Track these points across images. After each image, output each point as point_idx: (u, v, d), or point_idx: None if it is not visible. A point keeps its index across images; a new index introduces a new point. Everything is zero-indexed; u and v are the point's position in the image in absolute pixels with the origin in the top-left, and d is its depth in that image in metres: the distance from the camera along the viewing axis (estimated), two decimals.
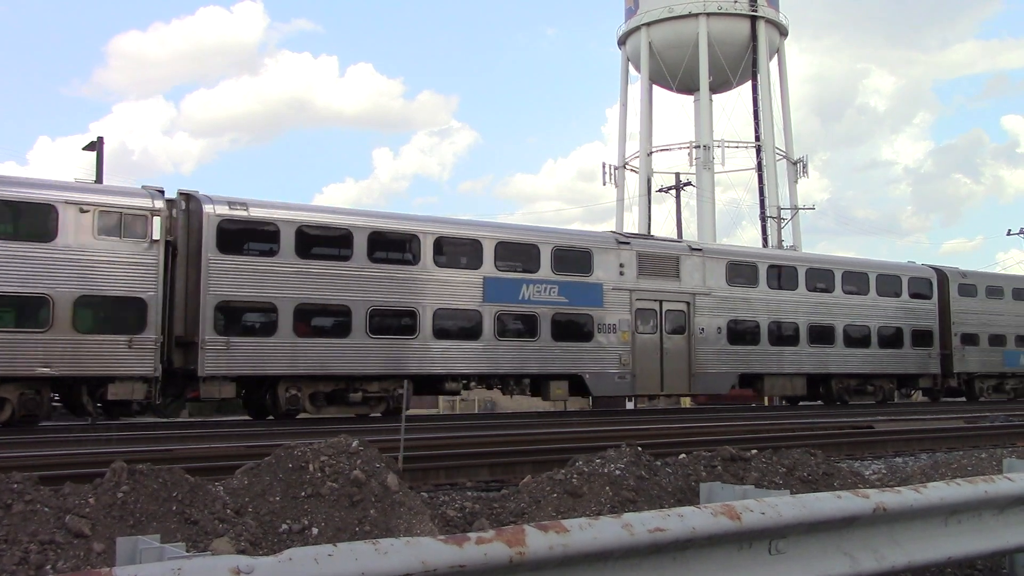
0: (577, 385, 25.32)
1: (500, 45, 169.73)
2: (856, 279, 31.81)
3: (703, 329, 27.50)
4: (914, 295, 33.39)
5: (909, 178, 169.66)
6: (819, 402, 32.09)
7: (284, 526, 6.51)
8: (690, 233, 58.90)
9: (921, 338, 33.14)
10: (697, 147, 63.44)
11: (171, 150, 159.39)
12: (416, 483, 9.90)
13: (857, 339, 31.50)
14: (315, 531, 6.51)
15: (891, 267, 33.72)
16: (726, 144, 64.06)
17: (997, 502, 5.99)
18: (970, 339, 35.14)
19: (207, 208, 20.47)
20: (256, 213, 21.07)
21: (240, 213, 20.80)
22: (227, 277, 20.42)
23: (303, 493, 6.81)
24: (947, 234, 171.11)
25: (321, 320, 21.84)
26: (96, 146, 31.97)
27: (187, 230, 20.58)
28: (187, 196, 20.85)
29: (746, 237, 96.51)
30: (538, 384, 24.95)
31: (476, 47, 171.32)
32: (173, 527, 5.99)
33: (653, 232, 59.64)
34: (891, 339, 32.43)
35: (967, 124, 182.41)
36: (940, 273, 34.73)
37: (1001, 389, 36.53)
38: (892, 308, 32.58)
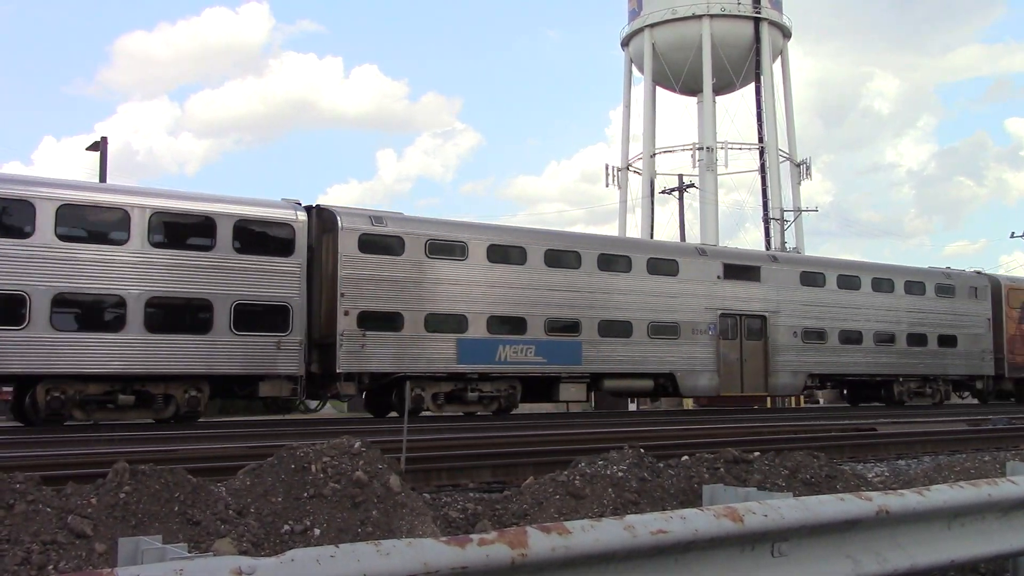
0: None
1: (504, 47, 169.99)
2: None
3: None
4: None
5: (912, 181, 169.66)
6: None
7: (286, 527, 6.51)
8: (693, 235, 58.94)
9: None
10: (700, 149, 63.44)
11: (175, 150, 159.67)
12: (418, 484, 9.89)
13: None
14: (317, 532, 6.51)
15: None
16: (729, 146, 64.07)
17: (1000, 505, 5.98)
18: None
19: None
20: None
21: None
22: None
23: (305, 494, 6.80)
24: (950, 237, 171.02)
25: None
26: (100, 146, 32.01)
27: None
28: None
29: (749, 239, 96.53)
30: None
31: (480, 49, 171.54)
32: (175, 528, 5.99)
33: (656, 235, 59.69)
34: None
35: (970, 127, 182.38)
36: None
37: None
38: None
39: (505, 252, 24.53)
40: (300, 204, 22.20)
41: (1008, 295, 36.07)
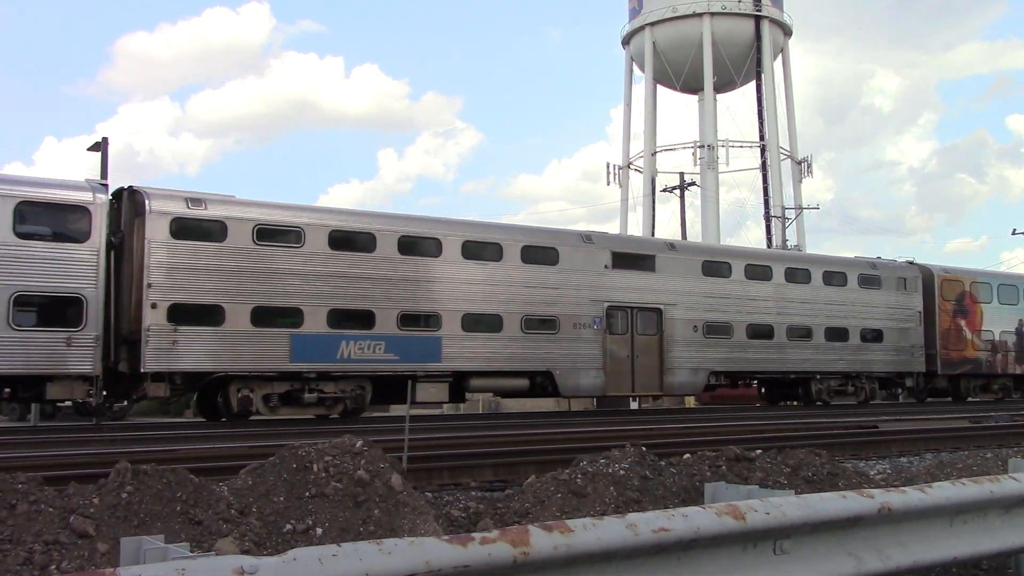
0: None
1: (504, 46, 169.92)
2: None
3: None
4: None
5: (913, 178, 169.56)
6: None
7: (288, 526, 6.51)
8: (695, 233, 58.92)
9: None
10: (701, 147, 63.45)
11: (176, 150, 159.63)
12: (420, 483, 9.90)
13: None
14: (319, 531, 6.51)
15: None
16: (730, 144, 64.07)
17: (1003, 502, 5.98)
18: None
19: None
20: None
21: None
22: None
23: (307, 493, 6.81)
24: (951, 233, 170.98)
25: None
26: (101, 146, 32.00)
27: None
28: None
29: (751, 237, 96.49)
30: None
31: (480, 49, 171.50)
32: (177, 527, 5.99)
33: (658, 233, 59.67)
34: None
35: (971, 124, 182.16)
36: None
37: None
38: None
39: (350, 239, 22.40)
40: (104, 184, 20.48)
41: (942, 286, 33.93)
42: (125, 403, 23.87)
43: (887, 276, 32.32)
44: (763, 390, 33.39)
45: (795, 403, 31.61)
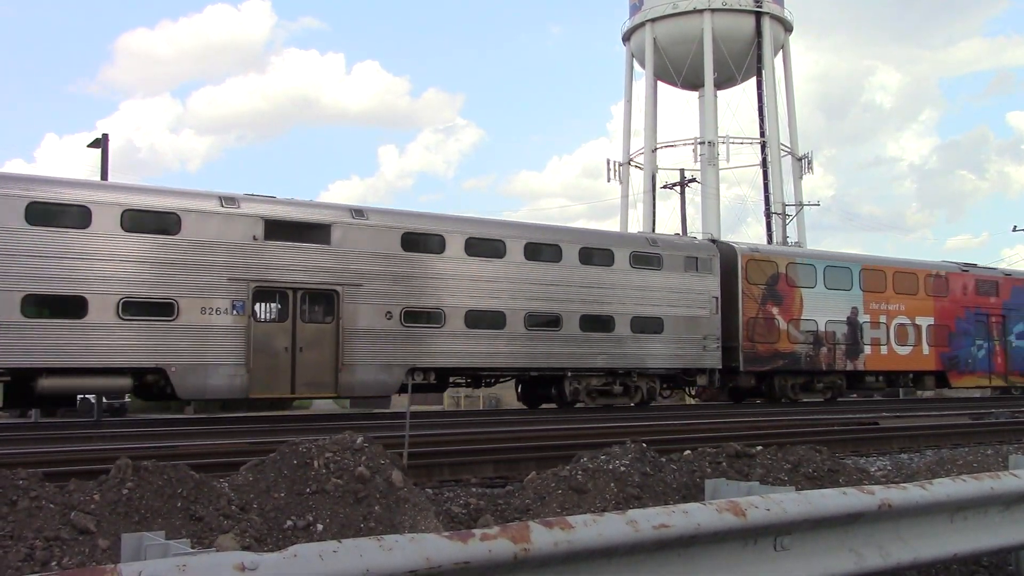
0: None
1: (505, 43, 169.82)
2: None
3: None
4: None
5: (914, 175, 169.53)
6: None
7: (289, 522, 6.52)
8: (695, 230, 58.86)
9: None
10: (702, 143, 63.43)
11: (178, 147, 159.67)
12: (421, 479, 9.90)
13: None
14: (320, 527, 6.52)
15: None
16: (731, 140, 64.08)
17: (1003, 499, 5.98)
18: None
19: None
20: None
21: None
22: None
23: (308, 489, 6.81)
24: (952, 230, 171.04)
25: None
26: (101, 143, 31.98)
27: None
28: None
29: (751, 234, 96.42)
30: None
31: (482, 45, 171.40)
32: (178, 523, 5.99)
33: (659, 230, 59.62)
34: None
35: (972, 121, 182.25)
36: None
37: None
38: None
39: None
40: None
41: (747, 268, 28.95)
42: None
43: (671, 255, 27.19)
44: (519, 389, 27.95)
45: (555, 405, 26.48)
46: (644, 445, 8.61)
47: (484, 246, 23.84)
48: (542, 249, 24.89)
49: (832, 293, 30.82)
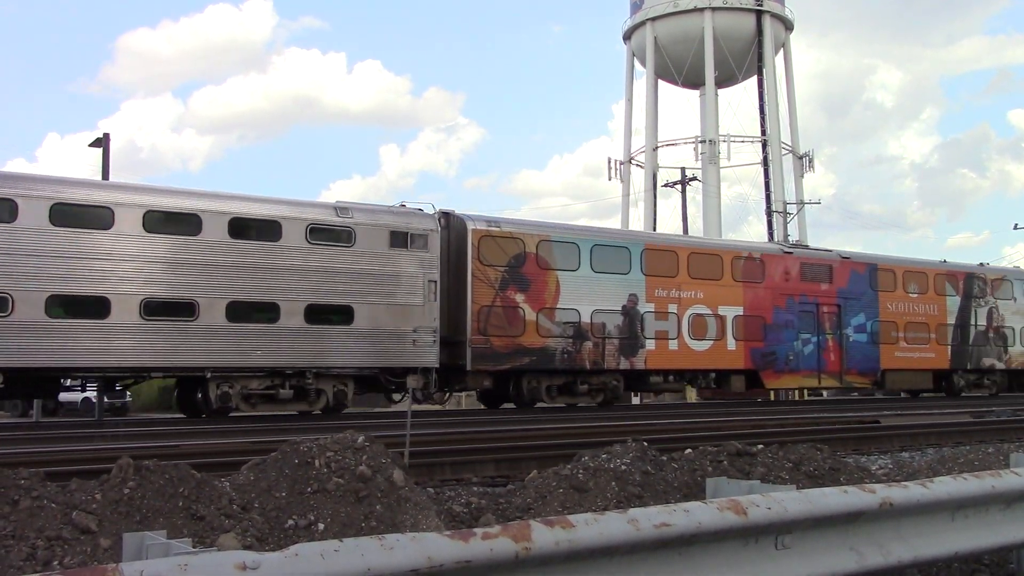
0: None
1: (506, 42, 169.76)
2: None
3: None
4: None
5: (915, 173, 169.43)
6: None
7: (290, 521, 6.52)
8: (696, 228, 58.86)
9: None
10: (703, 142, 63.37)
11: (179, 147, 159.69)
12: (422, 479, 9.91)
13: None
14: (321, 526, 6.52)
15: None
16: (732, 139, 63.98)
17: (1004, 497, 5.98)
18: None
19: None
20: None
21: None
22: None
23: (309, 489, 6.82)
24: (953, 228, 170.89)
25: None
26: (102, 142, 31.99)
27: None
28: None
29: (752, 232, 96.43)
30: None
31: (483, 44, 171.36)
32: (179, 523, 6.00)
33: (660, 228, 59.64)
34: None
35: (974, 119, 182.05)
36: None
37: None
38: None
39: None
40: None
41: (480, 245, 23.79)
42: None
43: (368, 228, 22.10)
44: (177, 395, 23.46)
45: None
46: (645, 444, 8.62)
47: (80, 216, 19.32)
48: (173, 219, 20.20)
49: (602, 277, 25.75)
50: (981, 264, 36.99)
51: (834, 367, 30.71)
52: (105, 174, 30.64)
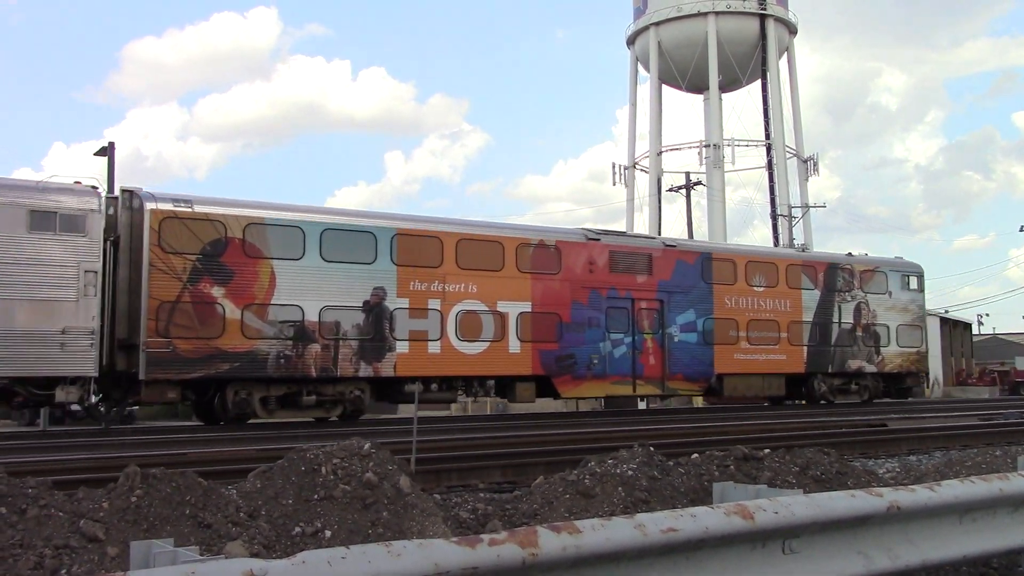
0: None
1: (510, 48, 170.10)
2: None
3: None
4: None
5: (920, 176, 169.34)
6: None
7: (297, 529, 6.52)
8: (701, 233, 58.80)
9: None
10: (707, 146, 63.36)
11: (185, 155, 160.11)
12: (428, 485, 9.90)
13: None
14: (328, 533, 6.52)
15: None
16: (736, 143, 63.98)
17: (1012, 500, 5.96)
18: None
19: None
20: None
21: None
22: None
23: (316, 496, 6.82)
24: (959, 231, 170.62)
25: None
26: (107, 151, 32.06)
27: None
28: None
29: (757, 236, 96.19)
30: None
31: (487, 51, 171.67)
32: (186, 531, 6.00)
33: (664, 233, 59.62)
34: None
35: (978, 121, 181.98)
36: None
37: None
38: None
39: None
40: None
41: (163, 229, 19.93)
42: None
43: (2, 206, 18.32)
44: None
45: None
46: (651, 449, 8.61)
47: None
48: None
49: (335, 268, 21.75)
50: (849, 254, 33.13)
51: (654, 371, 26.55)
52: (110, 183, 30.70)
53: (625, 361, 25.95)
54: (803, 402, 31.05)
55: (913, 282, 33.51)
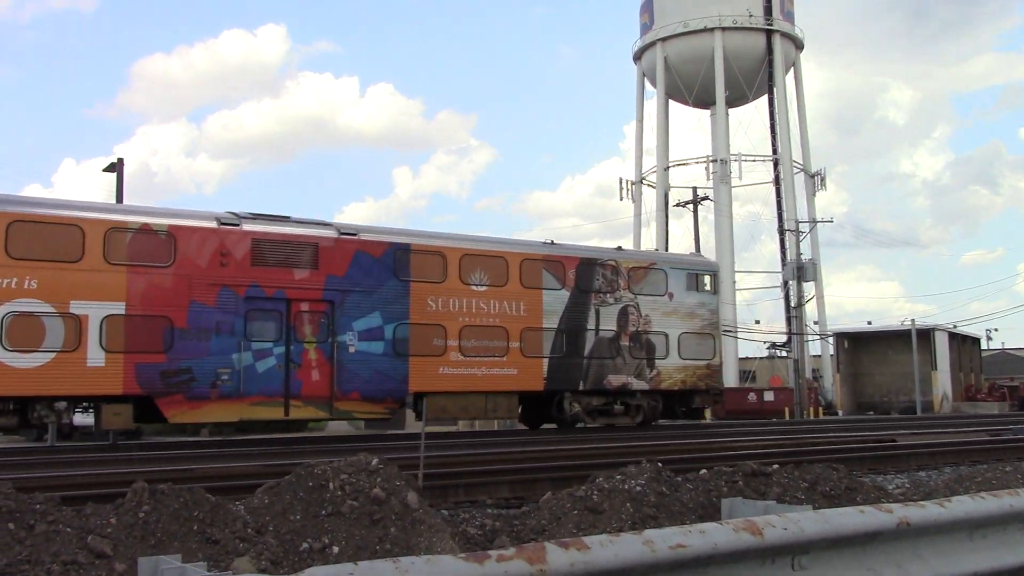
0: None
1: (518, 64, 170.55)
2: None
3: None
4: None
5: (927, 190, 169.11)
6: None
7: (305, 544, 6.51)
8: (708, 248, 58.78)
9: None
10: (714, 161, 63.44)
11: (193, 171, 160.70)
12: (436, 501, 9.88)
13: None
14: (336, 549, 6.51)
15: None
16: (743, 158, 64.02)
17: (1023, 516, 5.93)
18: None
19: None
20: None
21: None
22: None
23: (324, 511, 6.81)
24: (967, 246, 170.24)
25: None
26: (116, 167, 32.23)
27: None
28: None
29: (764, 251, 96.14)
30: None
31: (494, 67, 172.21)
32: (194, 547, 6.00)
33: (671, 248, 59.58)
34: None
35: (985, 136, 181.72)
36: None
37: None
38: None
39: None
40: None
41: None
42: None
43: None
44: None
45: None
46: (660, 465, 8.58)
47: None
48: None
49: None
50: (619, 248, 28.26)
51: (317, 390, 21.36)
52: (119, 198, 30.85)
53: (274, 377, 20.81)
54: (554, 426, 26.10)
55: (705, 282, 28.27)
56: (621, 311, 26.27)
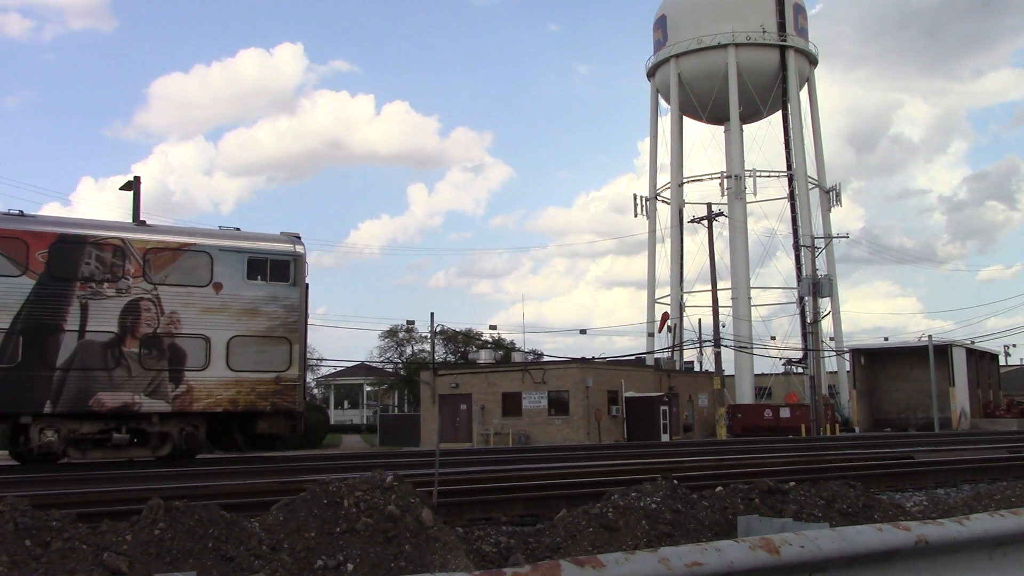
0: None
1: (532, 82, 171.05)
2: None
3: None
4: None
5: (944, 206, 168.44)
6: None
7: (319, 562, 6.50)
8: (724, 264, 58.66)
9: None
10: (728, 177, 63.42)
11: (210, 189, 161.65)
12: (451, 518, 9.86)
13: None
14: (350, 567, 6.50)
15: None
16: (758, 174, 63.99)
17: None
18: None
19: None
20: None
21: None
22: None
23: (338, 529, 6.80)
24: (984, 261, 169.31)
25: None
26: (133, 185, 32.45)
27: None
28: None
29: (780, 267, 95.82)
30: None
31: (509, 85, 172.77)
32: (209, 564, 6.00)
33: (686, 265, 59.43)
34: None
35: (1002, 151, 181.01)
36: None
37: None
38: None
39: None
40: None
41: None
42: None
43: None
44: None
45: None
46: (675, 482, 8.54)
47: None
48: None
49: None
50: (142, 222, 22.96)
51: None
52: (136, 216, 31.05)
53: None
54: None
55: (278, 269, 21.75)
56: (128, 306, 20.12)
